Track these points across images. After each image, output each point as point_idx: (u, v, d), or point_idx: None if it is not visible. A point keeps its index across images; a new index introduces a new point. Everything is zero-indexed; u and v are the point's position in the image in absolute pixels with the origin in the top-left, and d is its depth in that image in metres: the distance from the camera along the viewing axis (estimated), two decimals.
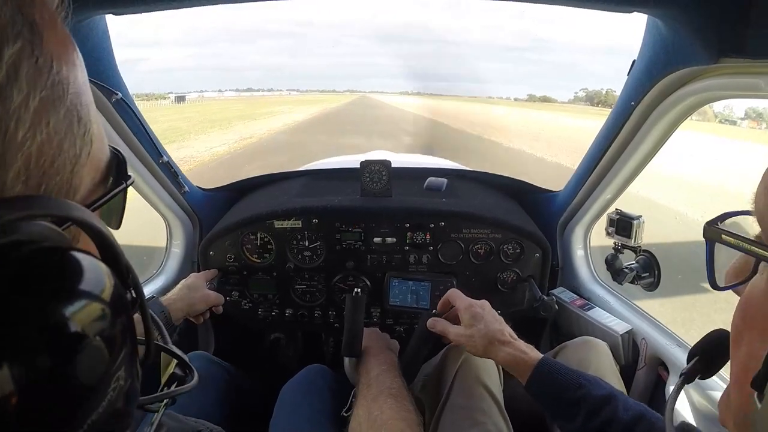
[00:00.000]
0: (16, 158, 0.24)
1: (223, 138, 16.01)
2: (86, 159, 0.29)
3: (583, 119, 32.15)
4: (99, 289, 0.25)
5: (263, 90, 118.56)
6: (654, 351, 1.10)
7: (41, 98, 0.25)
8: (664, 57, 0.87)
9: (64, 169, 0.27)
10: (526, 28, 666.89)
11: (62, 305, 0.23)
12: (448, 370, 0.99)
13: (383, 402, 0.79)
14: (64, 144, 0.27)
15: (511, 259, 1.33)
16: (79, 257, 0.25)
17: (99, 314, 0.24)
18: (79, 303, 0.23)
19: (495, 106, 58.64)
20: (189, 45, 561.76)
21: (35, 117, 0.25)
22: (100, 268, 0.26)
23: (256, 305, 1.37)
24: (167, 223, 1.41)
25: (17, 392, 0.20)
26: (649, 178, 1.21)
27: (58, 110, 0.26)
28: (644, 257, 1.16)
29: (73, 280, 0.24)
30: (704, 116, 13.08)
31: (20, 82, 0.24)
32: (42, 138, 0.25)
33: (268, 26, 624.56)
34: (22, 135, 0.24)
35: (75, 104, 0.28)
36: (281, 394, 1.02)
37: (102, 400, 0.25)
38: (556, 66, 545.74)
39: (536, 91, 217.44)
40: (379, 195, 1.35)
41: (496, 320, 0.91)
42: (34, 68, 0.25)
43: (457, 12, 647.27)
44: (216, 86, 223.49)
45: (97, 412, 0.24)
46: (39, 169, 0.25)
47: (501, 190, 1.59)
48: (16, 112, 0.23)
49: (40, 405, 0.21)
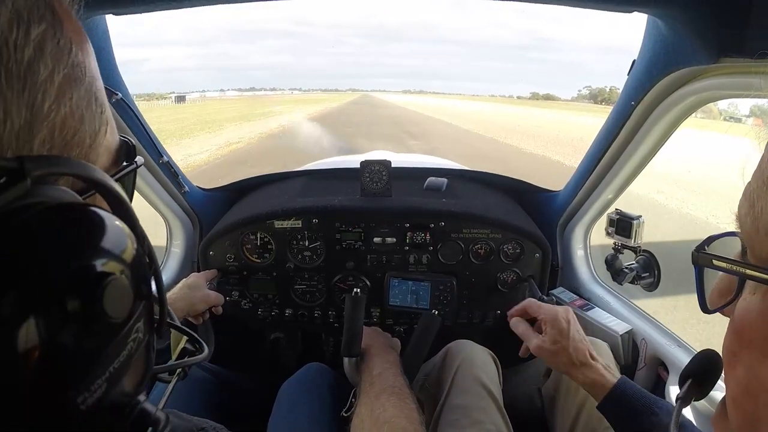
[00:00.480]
0: (42, 127, 0.26)
1: (208, 143, 14.62)
2: (102, 137, 0.31)
3: (576, 116, 32.05)
4: (123, 240, 0.28)
5: (265, 89, 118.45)
6: (654, 351, 1.10)
7: (64, 75, 0.27)
8: (664, 57, 0.87)
9: (84, 143, 0.29)
10: (529, 26, 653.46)
11: (95, 250, 0.25)
12: (447, 370, 0.99)
13: (386, 400, 0.80)
14: (84, 118, 0.29)
15: (511, 259, 1.33)
16: (102, 214, 0.27)
17: (126, 258, 0.27)
18: (108, 249, 0.26)
19: (496, 105, 58.21)
20: (192, 45, 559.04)
21: (59, 91, 0.27)
22: (121, 224, 0.28)
23: (256, 305, 1.37)
24: (167, 223, 1.41)
25: (46, 331, 0.22)
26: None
27: (79, 88, 0.29)
28: (644, 257, 1.16)
29: (101, 231, 0.27)
30: (709, 114, 13.10)
31: (45, 59, 0.26)
32: (65, 111, 0.27)
33: (270, 26, 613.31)
34: (47, 106, 0.26)
35: (92, 85, 0.30)
36: (280, 392, 1.02)
37: (123, 348, 0.27)
38: (560, 64, 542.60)
39: (539, 89, 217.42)
40: (379, 195, 1.35)
41: (582, 339, 0.88)
42: (56, 48, 0.27)
43: (460, 11, 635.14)
44: (218, 86, 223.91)
45: (118, 360, 0.27)
46: (62, 140, 0.27)
47: (501, 190, 1.59)
48: (43, 85, 0.26)
49: (65, 346, 0.23)
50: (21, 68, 0.25)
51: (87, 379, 0.25)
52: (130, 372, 0.29)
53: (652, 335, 1.12)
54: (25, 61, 0.25)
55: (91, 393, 0.25)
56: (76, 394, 0.25)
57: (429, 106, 45.09)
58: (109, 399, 0.27)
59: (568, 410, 0.95)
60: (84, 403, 0.25)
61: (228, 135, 17.21)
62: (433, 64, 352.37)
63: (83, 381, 0.25)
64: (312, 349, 1.59)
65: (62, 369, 0.24)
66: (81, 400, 0.25)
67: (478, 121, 26.87)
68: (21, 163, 0.23)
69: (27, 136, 0.25)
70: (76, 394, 0.25)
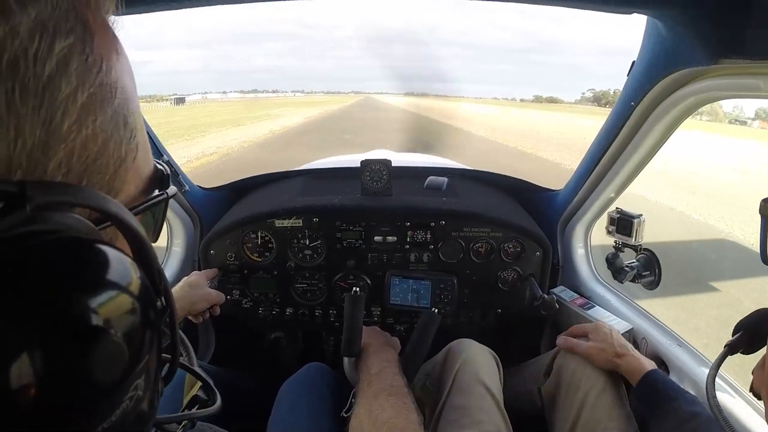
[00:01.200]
0: (59, 148, 0.24)
1: (180, 153, 11.52)
2: (130, 164, 0.29)
3: (575, 118, 31.48)
4: (126, 285, 0.25)
5: (267, 91, 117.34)
6: (654, 350, 1.10)
7: (90, 94, 0.25)
8: (664, 58, 0.87)
9: (107, 169, 0.27)
10: (531, 29, 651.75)
11: (84, 295, 0.22)
12: (448, 369, 0.99)
13: (384, 400, 0.80)
14: (109, 144, 0.27)
15: (511, 258, 1.33)
16: (109, 251, 0.24)
17: (122, 310, 0.24)
18: (102, 296, 0.23)
19: (501, 108, 57.10)
20: (194, 47, 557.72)
21: (82, 111, 0.25)
22: (130, 266, 0.25)
23: (257, 304, 1.37)
24: (168, 222, 1.42)
25: (30, 386, 0.20)
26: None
27: (106, 110, 0.27)
28: (645, 256, 1.16)
29: (100, 272, 0.24)
30: (715, 117, 13.06)
31: (69, 75, 0.24)
32: (87, 133, 0.25)
33: (272, 28, 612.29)
34: (67, 126, 0.24)
35: (123, 108, 0.28)
36: (280, 391, 1.03)
37: (116, 408, 0.24)
38: (563, 67, 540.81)
39: (543, 92, 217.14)
40: (380, 194, 1.35)
41: (622, 339, 1.03)
42: (83, 65, 0.25)
43: (461, 12, 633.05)
44: (221, 88, 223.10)
45: (110, 420, 0.24)
46: (81, 164, 0.25)
47: (501, 189, 1.59)
48: (63, 103, 0.24)
49: (50, 403, 0.21)
50: (39, 83, 0.23)
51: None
52: (126, 427, 0.26)
53: (653, 334, 1.12)
54: (45, 76, 0.23)
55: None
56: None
57: (433, 109, 42.40)
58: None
59: (569, 410, 0.95)
60: None
61: (206, 143, 14.83)
62: (436, 67, 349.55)
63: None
64: (312, 348, 1.59)
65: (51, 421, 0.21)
66: None
67: (495, 128, 23.55)
68: (22, 188, 0.21)
69: (41, 158, 0.23)
70: None
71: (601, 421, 0.89)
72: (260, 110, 35.78)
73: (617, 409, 0.91)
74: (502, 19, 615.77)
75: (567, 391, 0.98)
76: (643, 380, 0.91)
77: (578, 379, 0.97)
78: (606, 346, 0.98)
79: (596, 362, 0.98)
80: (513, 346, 1.42)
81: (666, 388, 0.89)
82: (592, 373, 0.97)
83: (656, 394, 0.88)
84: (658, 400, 0.87)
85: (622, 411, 0.90)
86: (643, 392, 0.91)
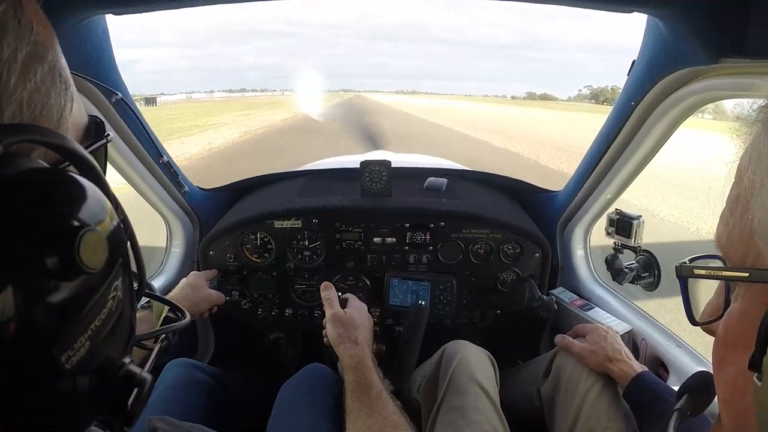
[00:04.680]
0: (10, 101, 0.27)
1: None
2: (69, 113, 0.32)
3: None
4: (95, 201, 0.29)
5: (256, 90, 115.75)
6: (654, 351, 1.10)
7: (27, 52, 0.28)
8: (664, 57, 0.87)
9: (52, 117, 0.30)
10: (523, 24, 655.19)
11: (63, 207, 0.27)
12: (443, 371, 0.99)
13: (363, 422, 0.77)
14: (51, 94, 0.30)
15: (510, 259, 1.33)
16: (76, 177, 0.29)
17: (96, 216, 0.28)
18: (78, 205, 0.27)
19: (490, 105, 56.32)
20: (183, 46, 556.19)
21: (23, 68, 0.28)
22: (94, 188, 0.29)
23: (256, 305, 1.37)
24: (167, 223, 1.42)
25: (27, 287, 0.23)
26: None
27: (43, 65, 0.29)
28: (644, 257, 1.16)
29: (74, 189, 0.28)
30: (722, 115, 13.01)
31: (8, 37, 0.27)
32: (31, 86, 0.28)
33: (262, 26, 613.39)
34: (14, 81, 0.27)
35: (56, 63, 0.31)
36: (280, 392, 1.02)
37: (102, 306, 0.28)
38: (557, 63, 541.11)
39: (536, 89, 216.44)
40: (379, 195, 1.35)
41: (620, 343, 1.01)
42: (18, 27, 0.28)
43: (452, 9, 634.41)
44: (210, 87, 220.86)
45: (99, 318, 0.28)
46: (30, 113, 0.28)
47: (501, 190, 1.59)
48: (7, 63, 0.27)
49: (46, 302, 0.24)
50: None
51: (69, 336, 0.26)
52: (112, 332, 0.30)
53: (652, 335, 1.12)
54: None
55: (75, 351, 0.26)
56: (60, 351, 0.25)
57: (437, 110, 39.17)
58: (93, 359, 0.28)
59: (567, 410, 0.95)
60: (68, 361, 0.26)
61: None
62: (426, 64, 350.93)
63: (66, 338, 0.26)
64: (312, 348, 1.59)
65: (44, 325, 0.25)
66: (65, 359, 0.26)
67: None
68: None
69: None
70: (60, 352, 0.25)
71: (601, 422, 0.89)
72: (218, 115, 27.08)
73: (616, 409, 0.90)
74: (494, 14, 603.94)
75: (566, 392, 0.98)
76: (631, 384, 0.91)
77: (577, 379, 0.97)
78: (598, 349, 0.98)
79: (588, 364, 0.99)
80: (512, 347, 1.42)
81: (656, 390, 0.88)
82: (591, 373, 0.97)
83: (646, 397, 0.88)
84: (647, 403, 0.87)
85: (621, 411, 0.90)
86: (632, 396, 0.90)
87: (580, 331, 1.10)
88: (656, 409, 0.84)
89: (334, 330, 0.92)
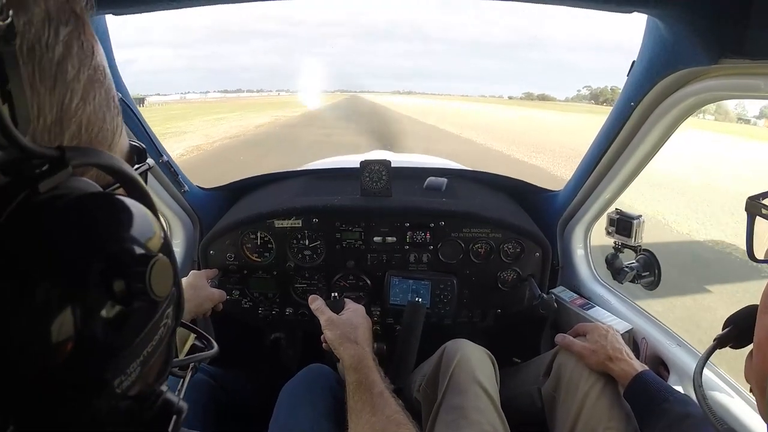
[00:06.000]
0: (71, 123, 0.27)
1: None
2: (119, 137, 0.33)
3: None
4: (155, 226, 0.29)
5: (251, 91, 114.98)
6: (654, 350, 1.10)
7: (88, 75, 0.29)
8: (664, 57, 0.87)
9: (106, 141, 0.31)
10: (521, 24, 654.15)
11: (132, 233, 0.27)
12: (443, 370, 0.99)
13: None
14: (106, 118, 0.31)
15: (511, 259, 1.33)
16: (135, 202, 0.29)
17: (158, 242, 0.29)
18: (144, 232, 0.28)
19: (484, 105, 55.71)
20: (179, 47, 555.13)
21: (85, 90, 0.28)
22: (150, 212, 0.30)
23: (257, 304, 1.37)
24: (167, 222, 1.41)
25: (91, 308, 0.23)
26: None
27: (100, 89, 0.30)
28: (644, 256, 1.16)
29: (137, 215, 0.28)
30: (726, 116, 12.96)
31: (72, 59, 0.27)
32: (90, 109, 0.29)
33: (259, 26, 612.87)
34: (75, 104, 0.28)
35: (111, 89, 0.32)
36: (281, 393, 1.02)
37: (156, 332, 0.28)
38: (555, 64, 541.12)
39: (534, 89, 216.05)
40: (379, 194, 1.35)
41: (621, 342, 1.01)
42: (81, 50, 0.28)
43: (449, 8, 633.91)
44: (206, 88, 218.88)
45: (151, 344, 0.28)
46: (88, 137, 0.29)
47: (501, 189, 1.59)
48: (71, 83, 0.27)
49: (109, 325, 0.24)
50: (52, 66, 0.26)
51: (125, 361, 0.26)
52: (158, 359, 0.29)
53: (653, 334, 1.12)
54: (56, 60, 0.26)
55: (126, 376, 0.26)
56: (113, 375, 0.25)
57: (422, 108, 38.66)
58: (138, 384, 0.28)
59: (568, 410, 0.95)
60: (120, 386, 0.26)
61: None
62: (422, 64, 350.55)
63: (122, 362, 0.26)
64: (312, 348, 1.59)
65: (102, 348, 0.25)
66: (117, 383, 0.26)
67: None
68: (62, 151, 0.25)
69: (57, 132, 0.27)
70: (114, 376, 0.25)
71: (602, 421, 0.89)
72: (208, 115, 26.45)
73: (617, 408, 0.90)
74: (491, 14, 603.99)
75: (567, 391, 0.98)
76: (632, 383, 0.90)
77: (577, 379, 0.97)
78: (598, 348, 0.98)
79: (588, 363, 0.98)
80: (512, 347, 1.42)
81: (657, 389, 0.88)
82: (592, 373, 0.97)
83: (646, 397, 0.88)
84: (648, 403, 0.87)
85: (622, 411, 0.90)
86: (632, 395, 0.90)
87: (581, 330, 1.09)
88: (658, 408, 0.84)
89: (332, 332, 0.92)
